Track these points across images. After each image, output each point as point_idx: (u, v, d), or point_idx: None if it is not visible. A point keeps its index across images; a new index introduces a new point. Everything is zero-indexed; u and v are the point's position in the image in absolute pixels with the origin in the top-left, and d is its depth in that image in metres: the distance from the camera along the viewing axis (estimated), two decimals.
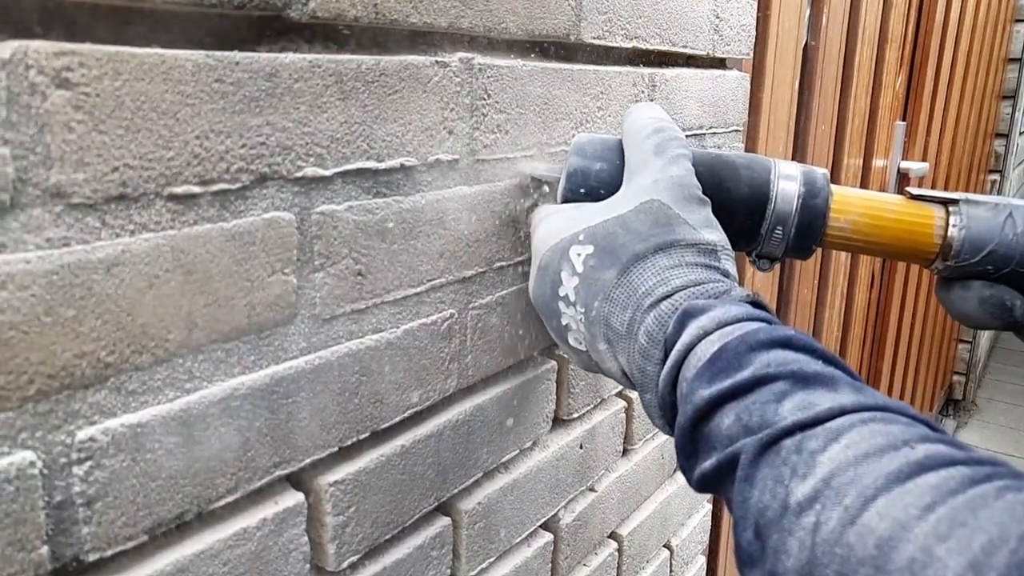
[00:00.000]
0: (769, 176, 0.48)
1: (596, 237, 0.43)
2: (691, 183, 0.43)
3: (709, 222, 0.43)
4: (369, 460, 0.45)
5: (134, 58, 0.31)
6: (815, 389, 0.33)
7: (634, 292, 0.41)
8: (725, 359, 0.35)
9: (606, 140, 0.48)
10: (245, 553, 0.39)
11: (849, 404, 0.32)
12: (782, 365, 0.34)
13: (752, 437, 0.33)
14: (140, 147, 0.31)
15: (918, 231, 0.49)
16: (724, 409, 0.35)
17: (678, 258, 0.41)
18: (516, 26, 0.50)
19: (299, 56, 0.37)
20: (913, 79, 1.89)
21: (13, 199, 0.28)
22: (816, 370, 0.34)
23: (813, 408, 0.32)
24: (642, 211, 0.43)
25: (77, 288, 0.30)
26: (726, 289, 0.40)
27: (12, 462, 0.29)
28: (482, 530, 0.55)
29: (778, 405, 0.33)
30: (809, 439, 0.31)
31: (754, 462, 0.32)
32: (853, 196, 0.49)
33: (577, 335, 0.44)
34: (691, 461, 0.37)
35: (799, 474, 0.30)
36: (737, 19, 0.79)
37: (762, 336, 0.36)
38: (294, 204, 0.38)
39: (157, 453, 0.34)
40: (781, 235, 0.48)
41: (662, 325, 0.39)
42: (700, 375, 0.36)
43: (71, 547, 0.32)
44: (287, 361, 0.39)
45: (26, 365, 0.29)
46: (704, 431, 0.36)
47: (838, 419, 0.31)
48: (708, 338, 0.37)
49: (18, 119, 0.28)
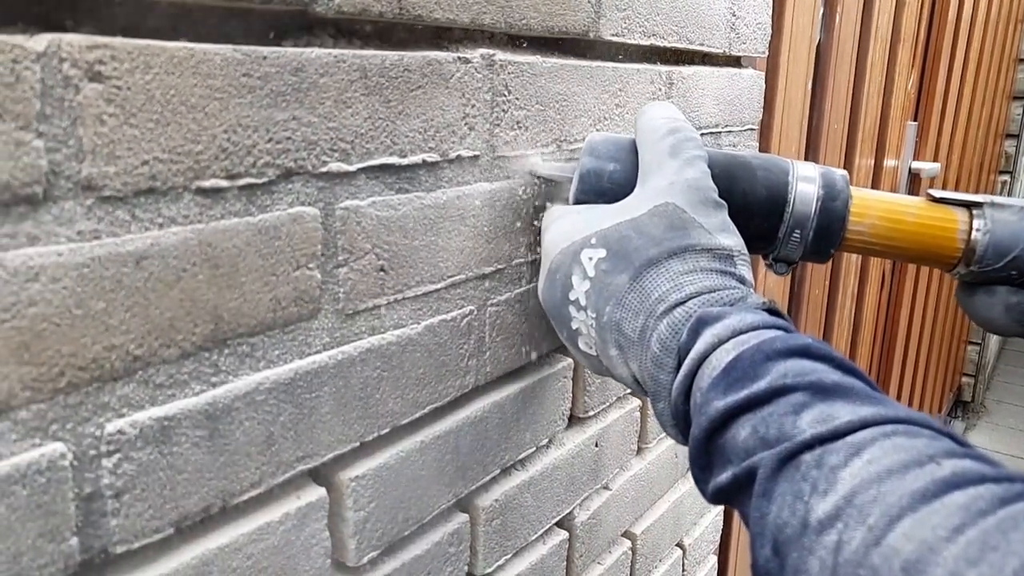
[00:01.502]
0: (787, 178, 0.47)
1: (609, 241, 0.42)
2: (707, 186, 0.43)
3: (725, 226, 0.42)
4: (389, 456, 0.45)
5: (164, 51, 0.31)
6: (834, 401, 0.32)
7: (647, 298, 0.40)
8: (740, 369, 0.35)
9: (619, 140, 0.47)
10: (268, 547, 0.39)
11: (870, 417, 0.31)
12: (800, 375, 0.33)
13: (770, 451, 0.32)
14: (169, 140, 0.31)
15: (940, 235, 0.48)
16: (740, 421, 0.34)
17: (693, 263, 0.40)
18: (536, 22, 0.50)
19: (324, 51, 0.37)
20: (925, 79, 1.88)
21: (46, 192, 0.28)
22: (835, 381, 0.33)
23: (833, 421, 0.31)
24: (656, 214, 0.42)
25: (107, 281, 0.30)
26: (741, 296, 0.39)
27: (43, 453, 0.29)
28: (499, 527, 0.55)
29: (796, 417, 0.32)
30: (829, 453, 0.30)
31: (772, 477, 0.31)
32: (873, 198, 0.48)
33: (588, 340, 0.43)
34: (705, 473, 0.36)
35: (819, 490, 0.29)
36: (753, 17, 0.79)
37: (779, 345, 0.35)
38: (319, 199, 0.38)
39: (184, 446, 0.34)
40: (799, 239, 0.47)
41: (675, 333, 0.38)
42: (715, 385, 0.35)
43: (99, 539, 0.32)
44: (310, 356, 0.39)
45: (57, 357, 0.29)
46: (719, 443, 0.35)
47: (859, 433, 0.30)
48: (723, 347, 0.36)
49: (51, 112, 0.28)
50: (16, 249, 0.27)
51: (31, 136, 0.27)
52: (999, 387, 3.53)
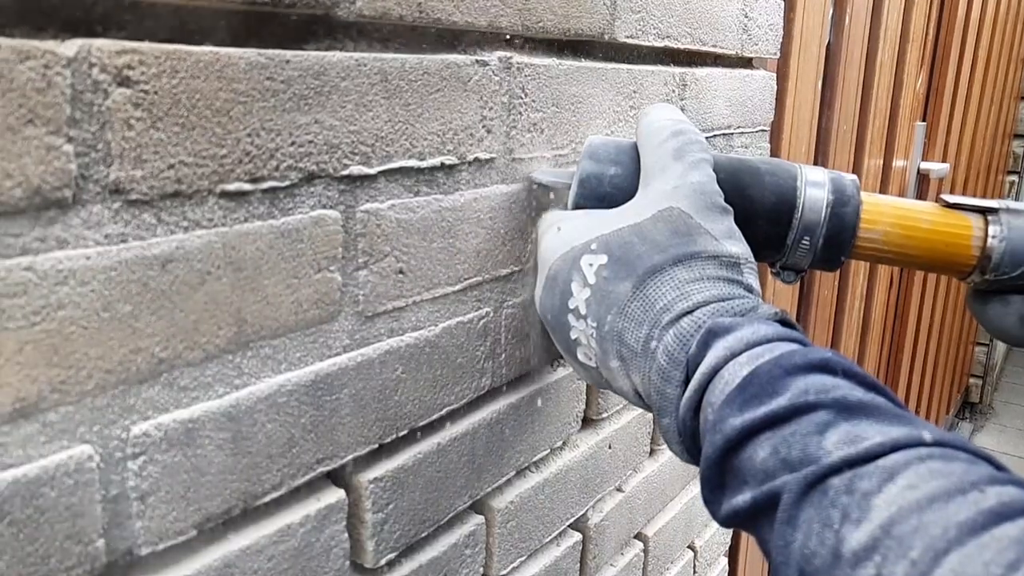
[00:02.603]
0: (795, 183, 0.45)
1: (610, 247, 0.40)
2: (713, 190, 0.41)
3: (732, 233, 0.41)
4: (407, 457, 0.45)
5: (191, 56, 0.31)
6: (860, 420, 0.30)
7: (651, 307, 0.38)
8: (757, 384, 0.33)
9: (620, 143, 0.46)
10: (288, 549, 0.39)
11: (902, 438, 0.29)
12: (822, 392, 0.32)
13: (794, 474, 0.30)
14: (194, 144, 0.32)
15: (954, 242, 0.46)
16: (758, 440, 0.32)
17: (699, 271, 0.39)
18: (553, 24, 0.50)
19: (346, 55, 0.37)
20: (934, 79, 1.87)
21: (75, 195, 0.28)
22: (859, 398, 0.31)
23: (861, 442, 0.29)
24: (660, 219, 0.40)
25: (133, 284, 0.30)
26: (752, 306, 0.38)
27: (71, 455, 0.29)
28: (514, 529, 0.56)
29: (821, 438, 0.30)
30: (860, 478, 0.28)
31: (797, 502, 0.29)
32: (885, 204, 0.47)
33: (587, 350, 0.42)
34: (717, 494, 0.34)
35: (852, 519, 0.28)
36: (765, 19, 0.79)
37: (797, 359, 0.33)
38: (340, 202, 0.38)
39: (207, 449, 0.34)
40: (808, 246, 0.46)
41: (683, 344, 0.37)
42: (730, 401, 0.33)
43: (125, 541, 0.32)
44: (331, 358, 0.40)
45: (85, 360, 0.29)
46: (734, 463, 0.33)
47: (891, 455, 0.29)
48: (736, 360, 0.34)
49: (81, 116, 0.28)
50: (46, 253, 0.28)
51: (61, 140, 0.27)
52: (1007, 388, 3.52)
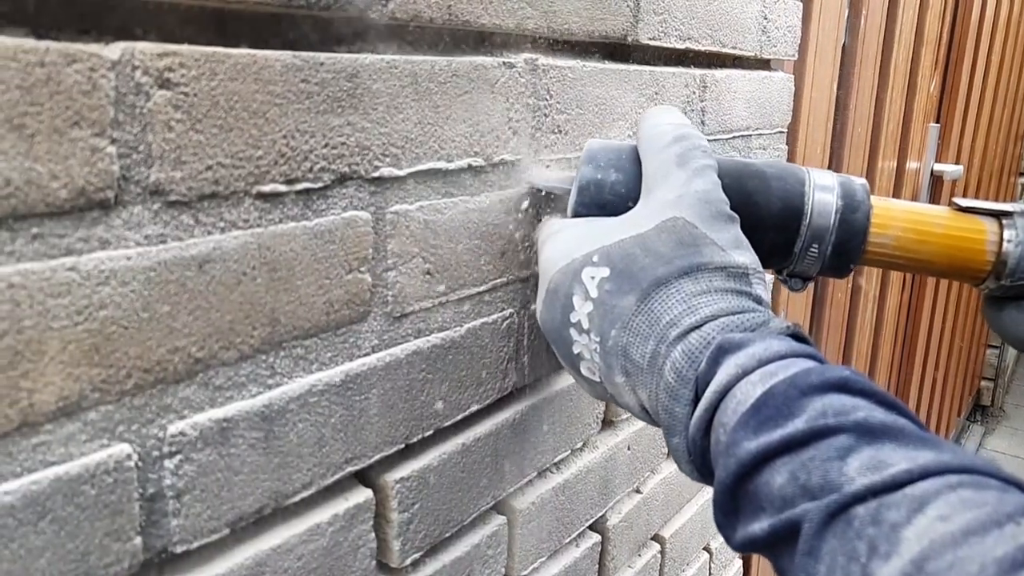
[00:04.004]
0: (803, 188, 0.44)
1: (612, 259, 0.39)
2: (718, 198, 0.40)
3: (739, 242, 0.39)
4: (432, 458, 0.46)
5: (229, 58, 0.31)
6: (883, 444, 0.29)
7: (657, 321, 0.37)
8: (773, 405, 0.31)
9: (621, 148, 0.44)
10: (317, 548, 0.39)
11: (930, 464, 0.28)
12: (841, 414, 0.30)
13: (815, 502, 0.28)
14: (232, 146, 0.32)
15: (968, 247, 0.45)
16: (775, 464, 0.30)
17: (706, 283, 0.37)
18: (578, 27, 0.50)
19: (378, 57, 0.37)
20: (947, 81, 1.87)
21: (117, 196, 0.28)
22: (881, 420, 0.30)
23: (886, 468, 0.28)
24: (664, 230, 0.39)
25: (172, 284, 0.31)
26: (763, 320, 0.36)
27: (111, 454, 0.29)
28: (535, 529, 0.56)
29: (842, 463, 0.29)
30: (887, 508, 0.27)
31: (819, 533, 0.28)
32: (896, 209, 0.46)
33: (591, 365, 0.40)
34: (731, 519, 0.33)
35: (880, 552, 0.26)
36: (784, 20, 0.79)
37: (813, 378, 0.32)
38: (371, 203, 0.39)
39: (240, 448, 0.34)
40: (817, 253, 0.44)
41: (692, 361, 0.35)
42: (744, 423, 0.32)
43: (161, 539, 0.32)
44: (360, 358, 0.40)
45: (125, 359, 0.30)
46: (749, 488, 0.31)
47: (920, 483, 0.27)
48: (748, 378, 0.33)
49: (124, 118, 0.28)
50: (89, 253, 0.28)
51: (105, 142, 0.28)
52: (1018, 391, 3.49)
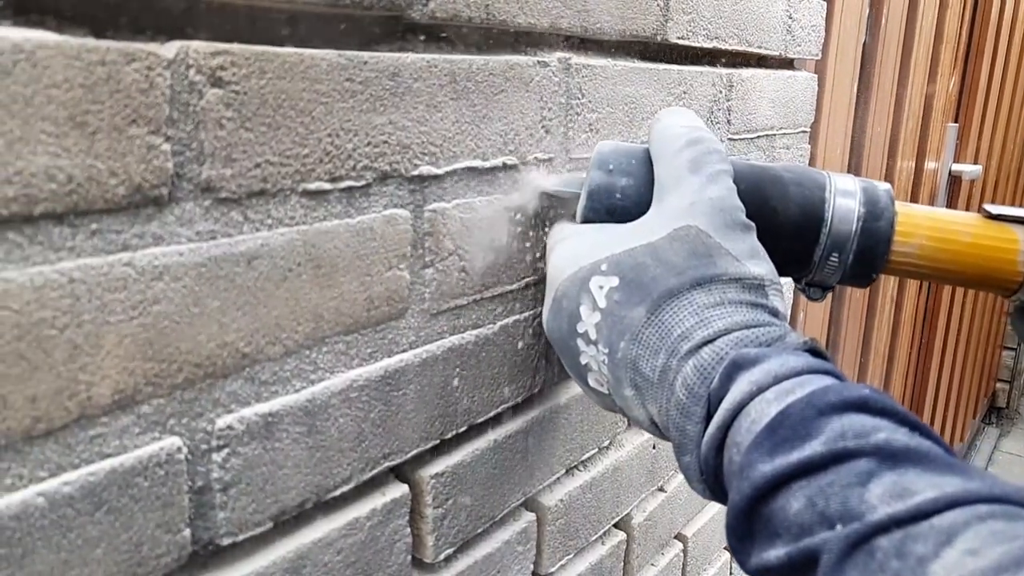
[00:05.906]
0: (823, 193, 0.42)
1: (622, 268, 0.37)
2: (733, 205, 0.38)
3: (755, 252, 0.38)
4: (465, 454, 0.46)
5: (277, 57, 0.32)
6: (907, 469, 0.28)
7: (667, 334, 0.36)
8: (789, 426, 0.30)
9: (632, 151, 0.42)
10: (356, 542, 0.39)
11: (958, 492, 0.26)
12: (861, 436, 0.29)
13: (834, 532, 0.27)
14: (279, 144, 0.32)
15: (999, 257, 0.43)
16: (791, 489, 0.29)
17: (719, 295, 0.36)
18: (610, 26, 0.51)
19: (418, 56, 0.38)
20: (967, 80, 1.85)
21: (170, 193, 0.29)
22: (904, 443, 0.28)
23: (911, 496, 0.26)
24: (676, 239, 0.37)
25: (221, 280, 0.31)
26: (779, 335, 0.35)
27: (163, 447, 0.30)
28: (563, 527, 0.56)
29: (863, 490, 0.27)
30: (913, 540, 0.25)
31: (839, 563, 0.27)
32: (921, 216, 0.44)
33: (598, 376, 0.39)
34: (745, 544, 0.31)
35: None
36: (808, 20, 0.78)
37: (831, 397, 0.30)
38: (410, 201, 0.39)
39: (284, 442, 0.35)
40: (837, 262, 0.43)
41: (704, 377, 0.34)
42: (758, 444, 0.31)
43: (208, 531, 0.33)
44: (398, 354, 0.40)
45: (176, 354, 0.30)
46: (764, 512, 0.30)
47: (947, 513, 0.26)
48: (763, 396, 0.32)
49: (178, 116, 0.29)
50: (144, 249, 0.28)
51: (160, 140, 0.28)
52: None
